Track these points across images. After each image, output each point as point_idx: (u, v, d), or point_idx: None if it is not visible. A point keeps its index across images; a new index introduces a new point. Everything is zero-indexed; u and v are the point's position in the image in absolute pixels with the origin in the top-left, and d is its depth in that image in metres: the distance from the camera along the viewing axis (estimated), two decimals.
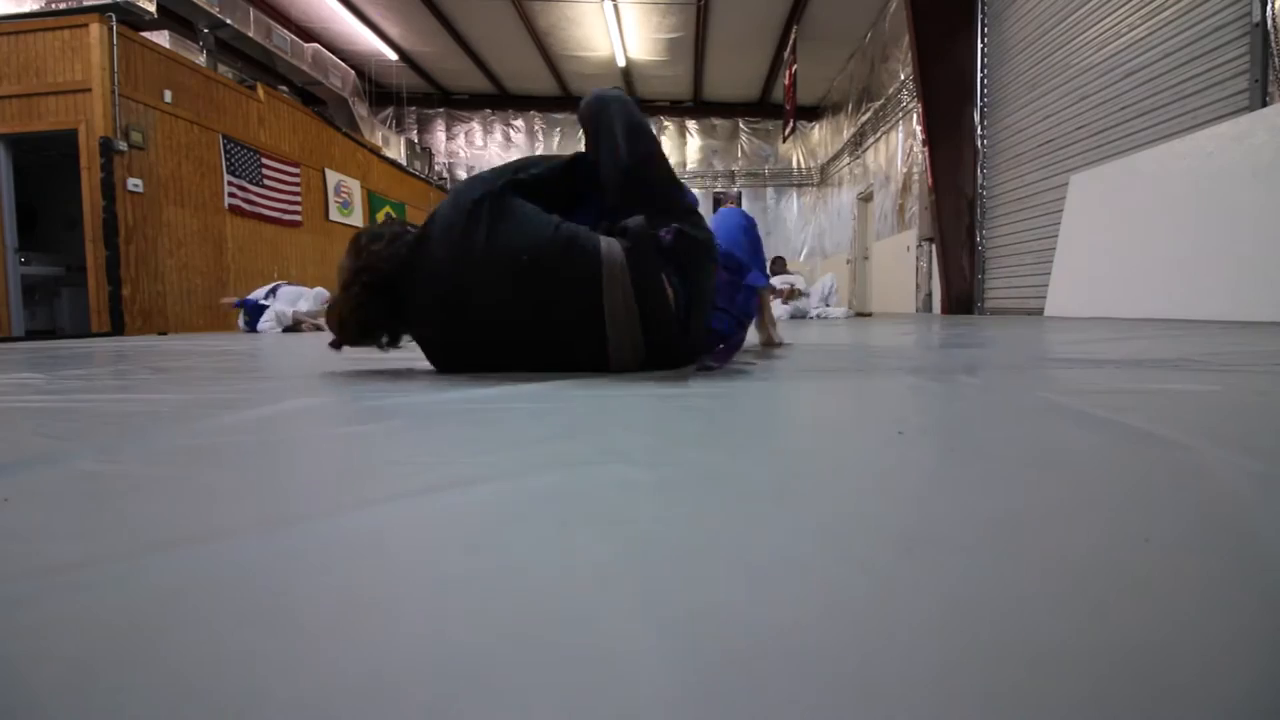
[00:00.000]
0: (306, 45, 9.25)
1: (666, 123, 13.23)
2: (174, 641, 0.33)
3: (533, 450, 0.77)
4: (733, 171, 13.29)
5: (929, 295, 7.89)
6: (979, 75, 6.96)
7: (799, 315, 7.19)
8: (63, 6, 6.17)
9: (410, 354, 1.67)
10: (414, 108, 13.19)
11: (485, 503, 0.57)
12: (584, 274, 1.36)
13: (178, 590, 0.39)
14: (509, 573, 0.41)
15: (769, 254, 11.57)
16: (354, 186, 9.68)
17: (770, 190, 13.39)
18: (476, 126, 13.41)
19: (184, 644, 0.33)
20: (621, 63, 11.24)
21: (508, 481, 0.63)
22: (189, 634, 0.34)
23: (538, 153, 13.26)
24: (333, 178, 9.16)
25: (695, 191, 10.53)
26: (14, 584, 0.40)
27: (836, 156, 11.82)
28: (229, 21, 7.44)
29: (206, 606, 0.37)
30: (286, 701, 0.27)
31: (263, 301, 6.20)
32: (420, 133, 13.36)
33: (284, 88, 9.16)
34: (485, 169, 1.58)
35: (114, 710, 0.27)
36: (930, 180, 7.25)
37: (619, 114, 1.51)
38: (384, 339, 1.58)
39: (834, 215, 12.23)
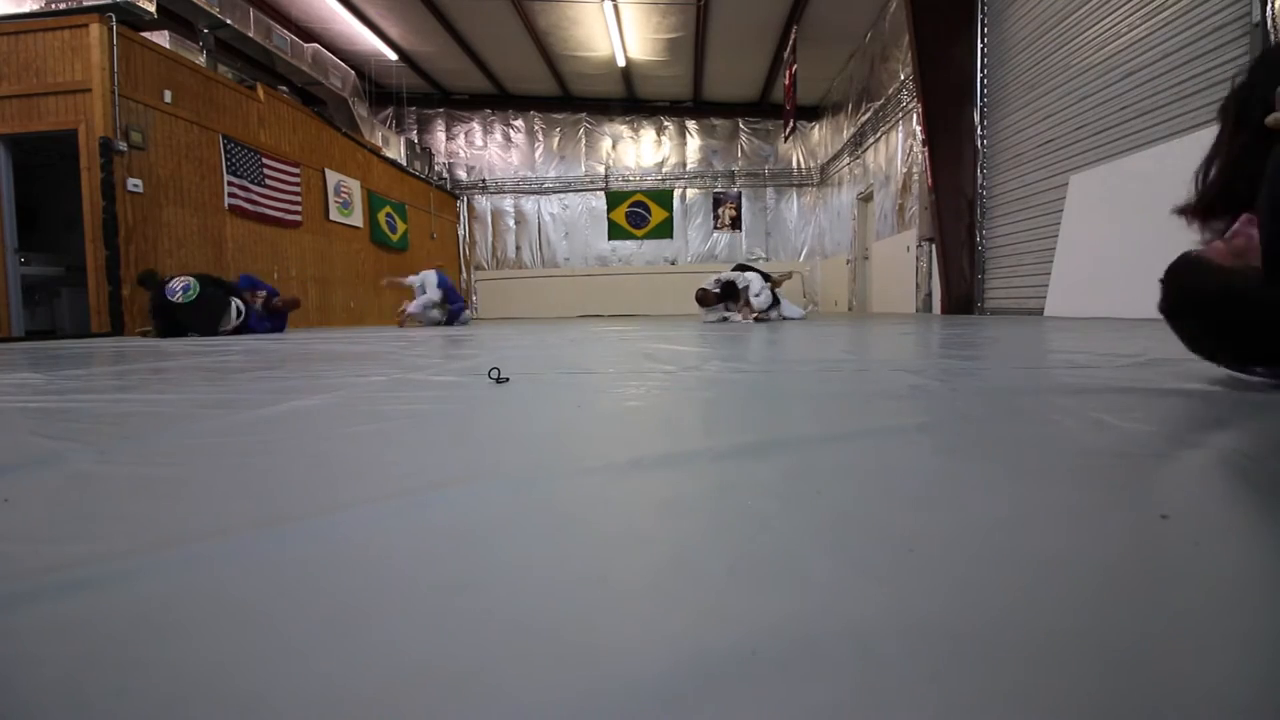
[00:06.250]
0: (306, 45, 9.24)
1: (666, 123, 13.24)
2: (172, 644, 0.33)
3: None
4: (733, 171, 13.28)
5: (929, 295, 7.89)
6: (979, 75, 6.96)
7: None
8: (63, 6, 6.17)
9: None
10: (414, 108, 13.18)
11: (474, 503, 0.57)
12: None
13: (175, 591, 0.39)
14: (500, 572, 0.41)
15: (769, 255, 11.03)
16: (354, 186, 9.67)
17: (770, 190, 13.38)
18: (476, 126, 13.40)
19: (181, 646, 0.33)
20: (621, 63, 11.24)
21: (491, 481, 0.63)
22: (186, 636, 0.34)
23: (537, 154, 13.26)
24: (333, 178, 9.16)
25: (694, 192, 10.06)
26: (14, 584, 0.40)
27: (836, 156, 11.82)
28: (229, 21, 7.44)
29: (203, 609, 0.37)
30: (285, 705, 0.27)
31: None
32: (420, 133, 13.35)
33: (284, 88, 9.15)
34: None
35: (110, 712, 0.27)
36: (930, 180, 7.24)
37: None
38: None
39: (834, 215, 12.22)
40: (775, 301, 6.64)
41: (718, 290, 6.59)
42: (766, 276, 6.73)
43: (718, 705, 0.26)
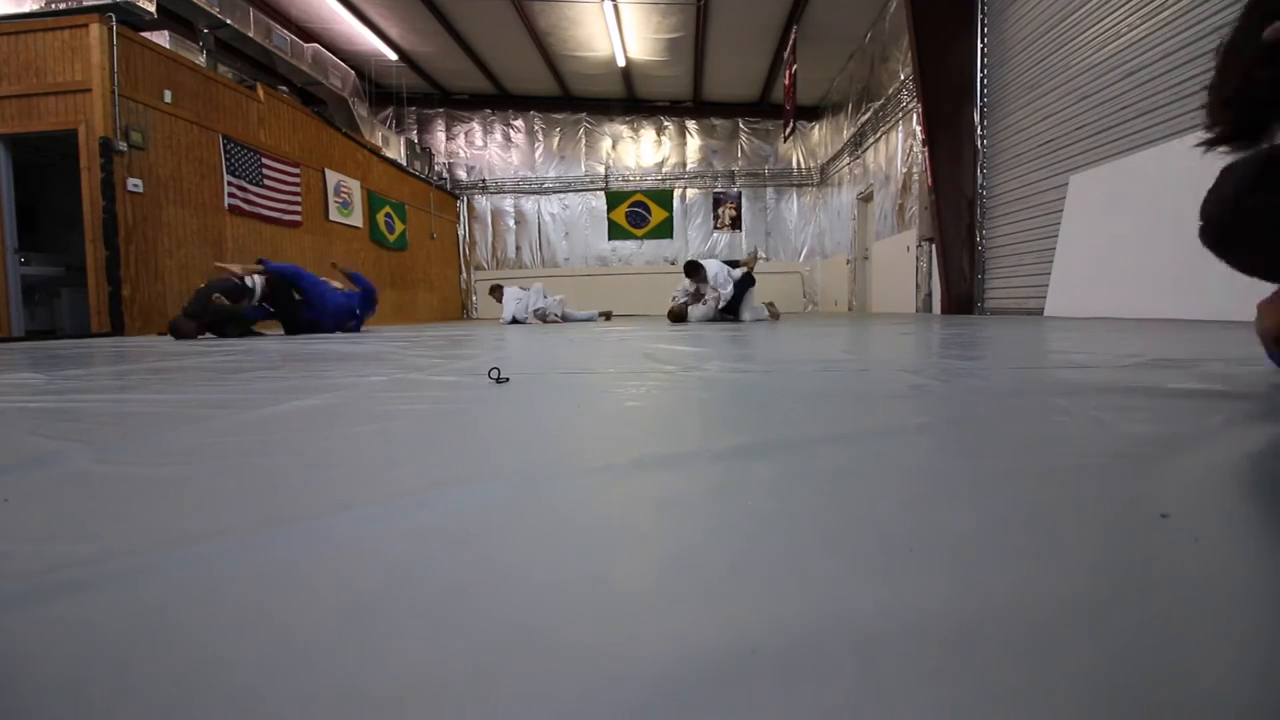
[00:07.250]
0: (306, 45, 9.24)
1: (666, 123, 13.24)
2: (172, 645, 0.33)
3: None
4: (733, 171, 13.28)
5: (929, 295, 7.89)
6: (979, 75, 6.95)
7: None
8: (63, 6, 6.17)
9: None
10: (414, 108, 13.18)
11: (475, 503, 0.57)
12: None
13: (175, 592, 0.39)
14: (501, 572, 0.41)
15: (769, 255, 11.07)
16: (354, 186, 9.67)
17: (770, 190, 13.38)
18: (476, 126, 13.40)
19: (181, 648, 0.33)
20: (621, 63, 11.24)
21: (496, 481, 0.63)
22: (186, 638, 0.34)
23: (537, 154, 13.26)
24: (332, 178, 9.16)
25: (694, 192, 9.98)
26: (14, 584, 0.40)
27: (836, 156, 11.81)
28: (229, 21, 7.44)
29: (203, 609, 0.37)
30: (285, 705, 0.27)
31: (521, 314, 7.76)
32: (420, 133, 13.35)
33: (284, 88, 9.15)
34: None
35: (110, 712, 0.27)
36: (930, 180, 7.24)
37: None
38: None
39: (834, 215, 12.22)
40: (750, 283, 6.57)
41: (685, 299, 6.61)
42: (734, 264, 6.75)
43: (718, 705, 0.26)
